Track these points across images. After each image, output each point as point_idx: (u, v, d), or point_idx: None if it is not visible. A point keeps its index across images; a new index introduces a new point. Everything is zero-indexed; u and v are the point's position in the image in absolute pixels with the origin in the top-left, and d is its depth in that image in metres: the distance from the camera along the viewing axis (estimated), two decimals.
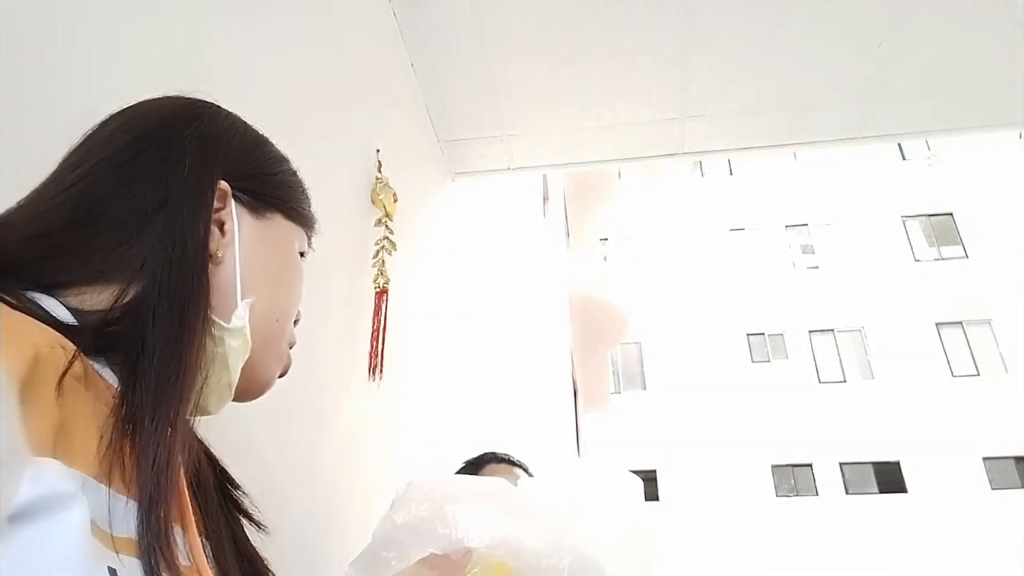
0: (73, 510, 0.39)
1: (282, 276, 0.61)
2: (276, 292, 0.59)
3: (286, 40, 1.40)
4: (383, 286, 1.75)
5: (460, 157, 2.86)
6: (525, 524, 0.83)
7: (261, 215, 0.59)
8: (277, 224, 0.61)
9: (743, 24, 2.31)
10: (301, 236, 0.66)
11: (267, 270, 0.58)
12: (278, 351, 0.61)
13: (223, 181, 0.55)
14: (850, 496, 14.05)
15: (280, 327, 0.60)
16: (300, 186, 0.68)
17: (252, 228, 0.58)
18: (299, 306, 0.64)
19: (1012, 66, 2.40)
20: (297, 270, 0.64)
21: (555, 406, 7.63)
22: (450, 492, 0.87)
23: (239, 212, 0.57)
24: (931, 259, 15.84)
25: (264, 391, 0.62)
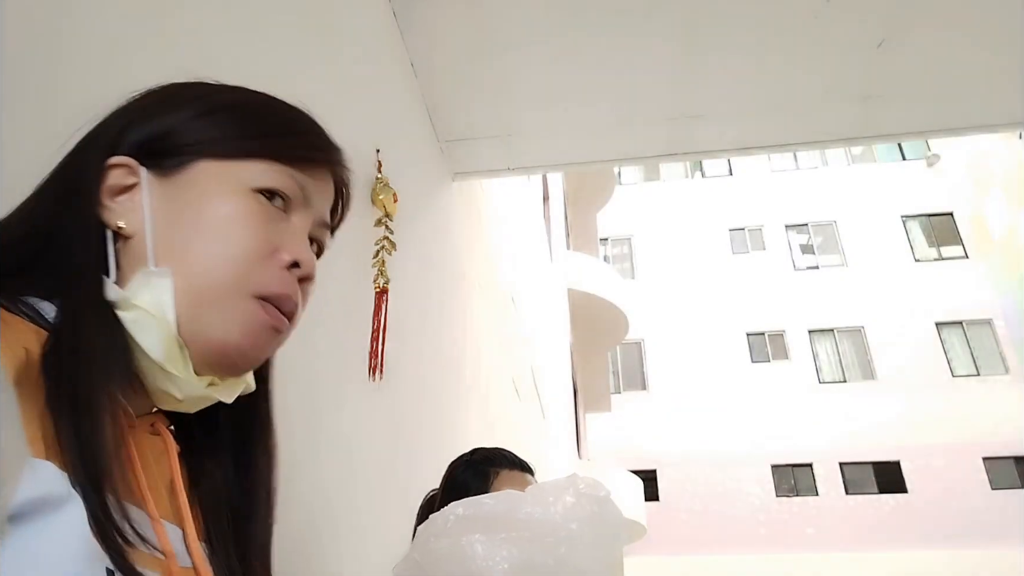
0: (69, 511, 0.39)
1: (207, 228, 0.52)
2: (199, 246, 0.52)
3: (286, 40, 1.40)
4: (383, 286, 1.75)
5: (460, 157, 2.86)
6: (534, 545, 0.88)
7: (174, 172, 0.53)
8: (199, 173, 0.54)
9: (743, 25, 2.31)
10: (249, 171, 0.55)
11: (186, 229, 0.52)
12: (233, 309, 0.52)
13: (118, 156, 0.53)
14: (850, 496, 14.05)
15: (219, 279, 0.51)
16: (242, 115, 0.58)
17: (161, 190, 0.53)
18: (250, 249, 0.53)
19: (1012, 66, 2.40)
20: (234, 208, 0.53)
21: (555, 406, 7.63)
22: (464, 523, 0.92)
23: (150, 179, 0.53)
24: (931, 259, 15.84)
25: (233, 360, 0.53)
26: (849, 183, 16.85)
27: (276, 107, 0.62)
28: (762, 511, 14.13)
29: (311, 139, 0.62)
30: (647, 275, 16.85)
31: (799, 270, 16.36)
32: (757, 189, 17.26)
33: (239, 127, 0.57)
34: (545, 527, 0.91)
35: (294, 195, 0.57)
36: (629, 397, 15.65)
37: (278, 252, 0.54)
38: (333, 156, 0.63)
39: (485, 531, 0.91)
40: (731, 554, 13.40)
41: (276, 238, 0.55)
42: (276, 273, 0.54)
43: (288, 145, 0.58)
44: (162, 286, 0.50)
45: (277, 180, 0.56)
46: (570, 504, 0.94)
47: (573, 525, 0.91)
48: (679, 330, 16.08)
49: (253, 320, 0.53)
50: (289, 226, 0.56)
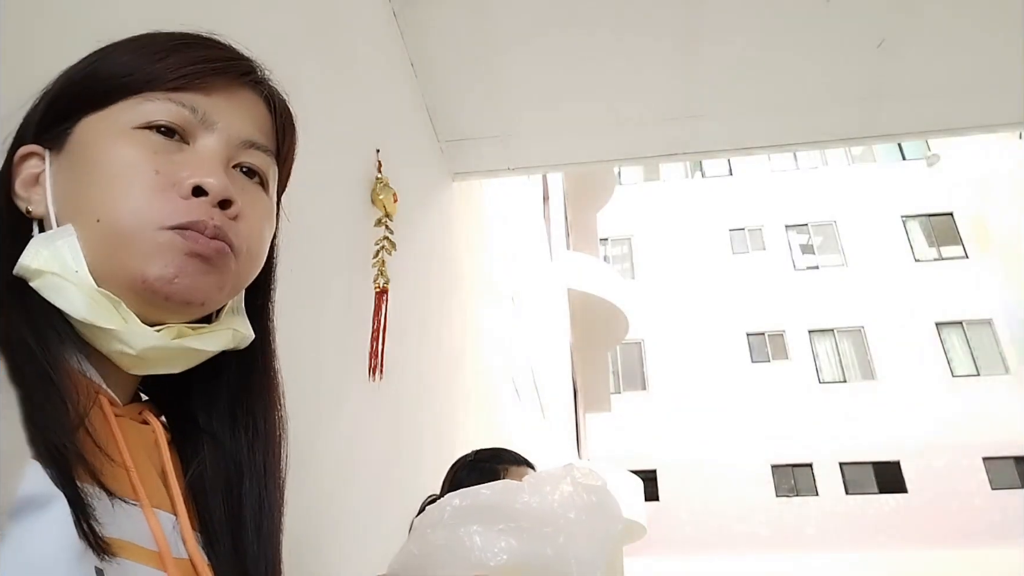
0: (55, 510, 0.38)
1: (96, 176, 0.50)
2: (94, 197, 0.49)
3: (286, 40, 1.40)
4: (383, 286, 1.75)
5: (460, 157, 2.86)
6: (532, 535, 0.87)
7: (63, 140, 0.52)
8: (84, 130, 0.52)
9: (743, 25, 2.31)
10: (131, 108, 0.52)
11: (79, 186, 0.51)
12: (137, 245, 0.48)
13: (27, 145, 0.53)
14: (850, 496, 14.06)
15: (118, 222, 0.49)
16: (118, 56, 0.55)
17: (58, 163, 0.52)
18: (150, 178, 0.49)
19: (1012, 66, 2.40)
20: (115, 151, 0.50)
21: (555, 406, 7.63)
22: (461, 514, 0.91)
23: (51, 157, 0.52)
24: (931, 259, 15.84)
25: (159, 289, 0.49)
26: (849, 183, 16.85)
27: (158, 38, 0.57)
28: (762, 511, 14.13)
29: (195, 56, 0.55)
30: (647, 275, 16.85)
31: (799, 270, 16.36)
32: (757, 189, 17.26)
33: (112, 70, 0.53)
34: (543, 517, 0.90)
35: (184, 121, 0.52)
36: (629, 397, 15.65)
37: (180, 182, 0.50)
38: (233, 66, 0.58)
39: (482, 521, 0.90)
40: (731, 554, 13.40)
41: (172, 169, 0.50)
42: (178, 203, 0.50)
43: (164, 68, 0.53)
44: (62, 244, 0.48)
45: (156, 111, 0.52)
46: (568, 493, 0.94)
47: (571, 514, 0.91)
48: (679, 330, 16.08)
49: (168, 248, 0.49)
50: (190, 155, 0.52)
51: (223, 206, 0.51)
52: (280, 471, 0.61)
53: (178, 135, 0.52)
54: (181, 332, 0.52)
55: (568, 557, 0.87)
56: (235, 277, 0.53)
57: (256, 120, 0.58)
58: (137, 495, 0.46)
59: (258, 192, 0.57)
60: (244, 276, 0.55)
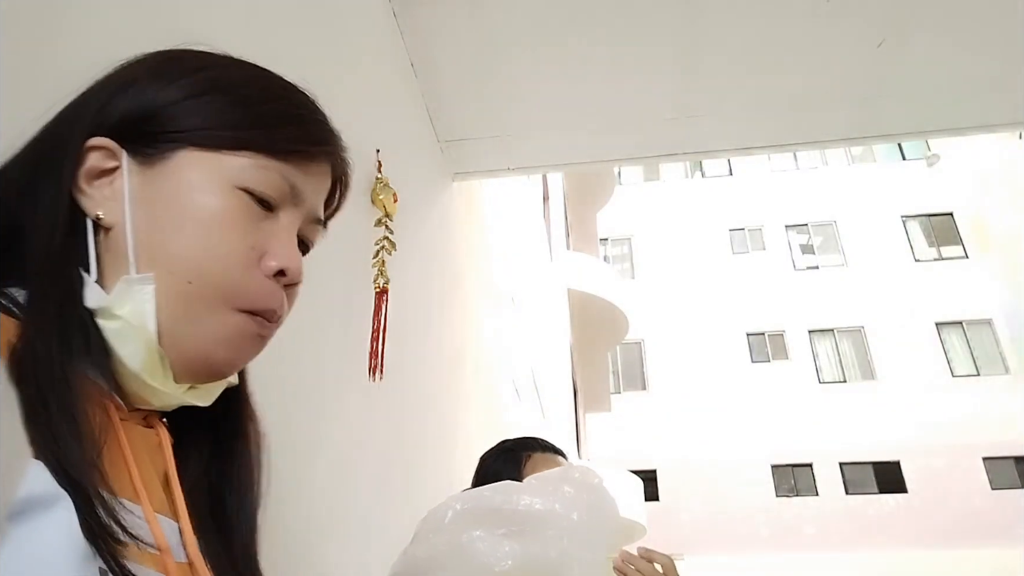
0: (59, 511, 0.38)
1: (188, 224, 0.48)
2: (181, 247, 0.47)
3: (286, 40, 1.40)
4: (383, 286, 1.75)
5: (460, 157, 2.86)
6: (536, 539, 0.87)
7: (156, 159, 0.49)
8: (185, 164, 0.49)
9: (743, 24, 2.31)
10: (236, 165, 0.50)
11: (165, 223, 0.48)
12: (213, 321, 0.48)
13: (99, 138, 0.49)
14: (850, 496, 14.05)
15: (202, 290, 0.47)
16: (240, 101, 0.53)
17: (141, 178, 0.49)
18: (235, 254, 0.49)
19: (1012, 66, 2.40)
20: (218, 208, 0.48)
21: (555, 406, 7.63)
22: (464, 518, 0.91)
23: (131, 165, 0.49)
24: (931, 259, 15.84)
25: (216, 370, 0.50)
26: (849, 183, 16.85)
27: (274, 91, 0.57)
28: (762, 511, 14.13)
29: (308, 131, 0.56)
30: (647, 275, 16.85)
31: (799, 270, 16.37)
32: (757, 189, 17.26)
33: (230, 114, 0.52)
34: (546, 519, 0.91)
35: (281, 194, 0.52)
36: (629, 397, 15.65)
37: (264, 258, 0.50)
38: (332, 148, 0.57)
39: (485, 526, 0.90)
40: (731, 554, 13.40)
41: (261, 241, 0.50)
42: (262, 284, 0.50)
43: (281, 138, 0.53)
44: (144, 294, 0.47)
45: (264, 180, 0.51)
46: (569, 495, 0.94)
47: (574, 515, 0.91)
48: (679, 330, 16.08)
49: (238, 333, 0.49)
50: (276, 226, 0.51)
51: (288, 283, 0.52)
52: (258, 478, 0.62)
53: (271, 205, 0.52)
54: (193, 386, 0.52)
55: (571, 559, 0.88)
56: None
57: (324, 194, 0.58)
58: (139, 498, 0.46)
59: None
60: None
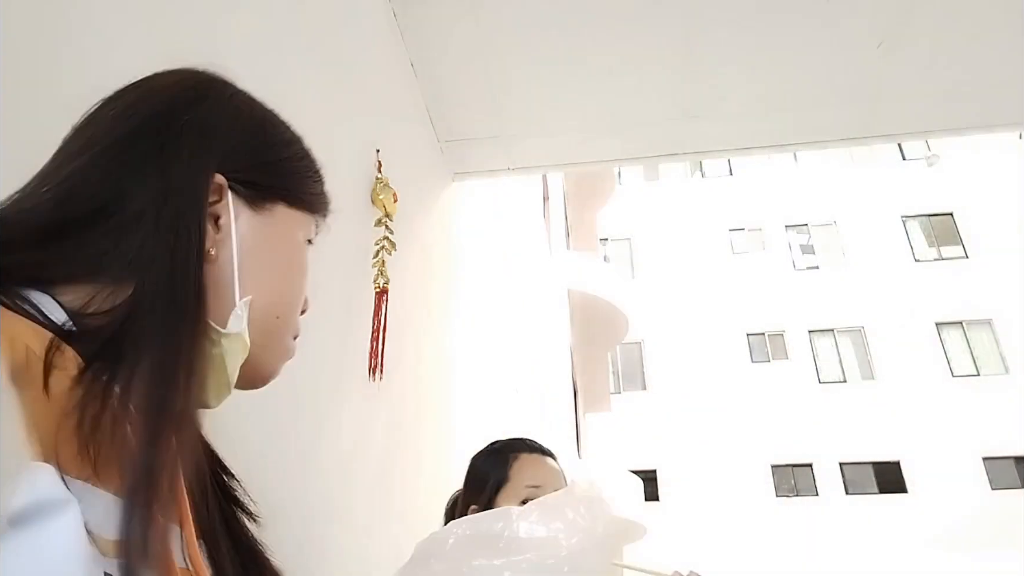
0: (66, 516, 0.38)
1: (283, 270, 0.58)
2: (277, 287, 0.57)
3: (286, 40, 1.40)
4: (383, 286, 1.75)
5: (460, 157, 2.86)
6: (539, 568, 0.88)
7: (261, 207, 0.57)
8: (279, 215, 0.58)
9: (743, 24, 2.31)
10: (307, 224, 0.62)
11: (266, 265, 0.56)
12: (282, 346, 0.59)
13: (219, 175, 0.53)
14: (850, 496, 14.05)
15: (283, 323, 0.58)
16: (309, 170, 0.64)
17: (250, 223, 0.55)
18: (303, 296, 0.62)
19: (1012, 66, 2.40)
20: (300, 261, 0.61)
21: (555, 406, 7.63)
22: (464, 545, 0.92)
23: (236, 206, 0.54)
24: (931, 259, 15.84)
25: (266, 383, 0.61)
26: (849, 183, 16.85)
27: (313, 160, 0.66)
28: (762, 511, 14.13)
29: (324, 189, 0.67)
30: (647, 275, 16.85)
31: (799, 270, 16.36)
32: (757, 189, 17.26)
33: (310, 182, 0.63)
34: (547, 546, 0.90)
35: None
36: (629, 397, 15.65)
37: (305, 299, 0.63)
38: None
39: (486, 554, 0.89)
40: (731, 554, 13.39)
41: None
42: (299, 318, 0.62)
43: (322, 200, 0.65)
44: (246, 317, 0.54)
45: (311, 234, 0.63)
46: (570, 518, 0.93)
47: (574, 540, 0.90)
48: (679, 330, 16.08)
49: (288, 353, 0.61)
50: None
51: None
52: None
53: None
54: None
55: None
56: None
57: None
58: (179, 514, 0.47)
59: None
60: None
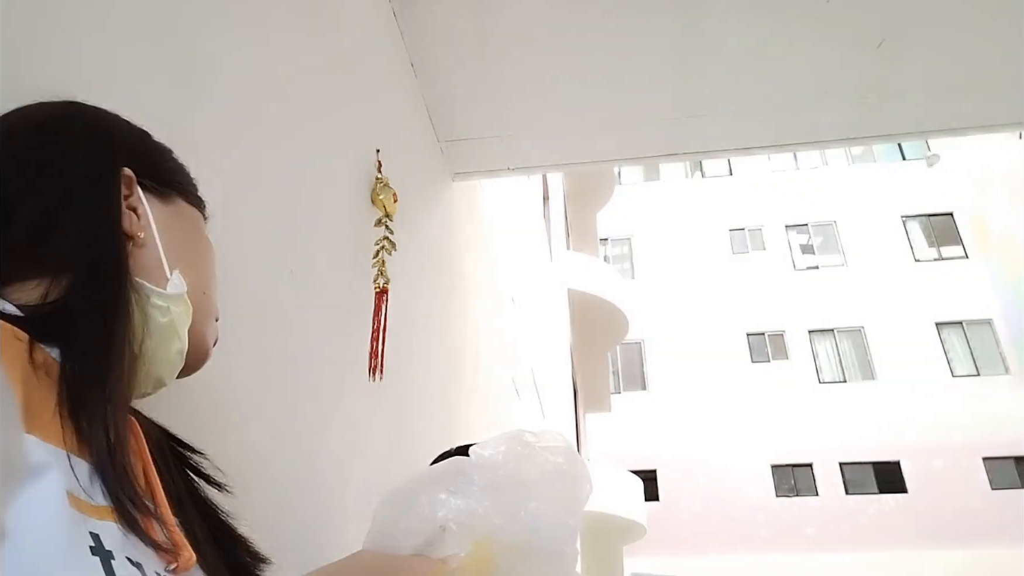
0: (49, 479, 0.40)
1: (199, 252, 0.65)
2: (197, 266, 0.64)
3: (286, 40, 1.40)
4: (383, 286, 1.75)
5: (460, 157, 2.86)
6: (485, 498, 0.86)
7: (166, 199, 0.63)
8: (182, 207, 0.65)
9: (743, 24, 2.31)
10: (201, 219, 0.69)
11: (186, 247, 0.63)
12: (210, 324, 0.66)
13: (126, 168, 0.58)
14: (850, 496, 14.05)
15: (208, 300, 0.65)
16: (187, 172, 0.71)
17: (162, 210, 0.62)
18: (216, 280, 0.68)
19: (1012, 66, 2.40)
20: (208, 248, 0.68)
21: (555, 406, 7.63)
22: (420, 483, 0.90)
23: (148, 197, 0.60)
24: (931, 259, 15.84)
25: (205, 360, 0.67)
26: (849, 183, 16.85)
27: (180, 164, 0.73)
28: (762, 511, 14.13)
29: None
30: (647, 275, 16.85)
31: (799, 270, 16.37)
32: (757, 189, 17.26)
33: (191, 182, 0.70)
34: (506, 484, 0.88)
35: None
36: (629, 397, 15.65)
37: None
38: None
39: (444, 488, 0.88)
40: (731, 554, 13.40)
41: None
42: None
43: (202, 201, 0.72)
44: (185, 284, 0.60)
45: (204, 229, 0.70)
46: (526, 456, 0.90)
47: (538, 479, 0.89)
48: (679, 330, 16.08)
49: (214, 335, 0.68)
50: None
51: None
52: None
53: None
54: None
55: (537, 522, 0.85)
56: None
57: None
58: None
59: None
60: None
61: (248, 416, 1.09)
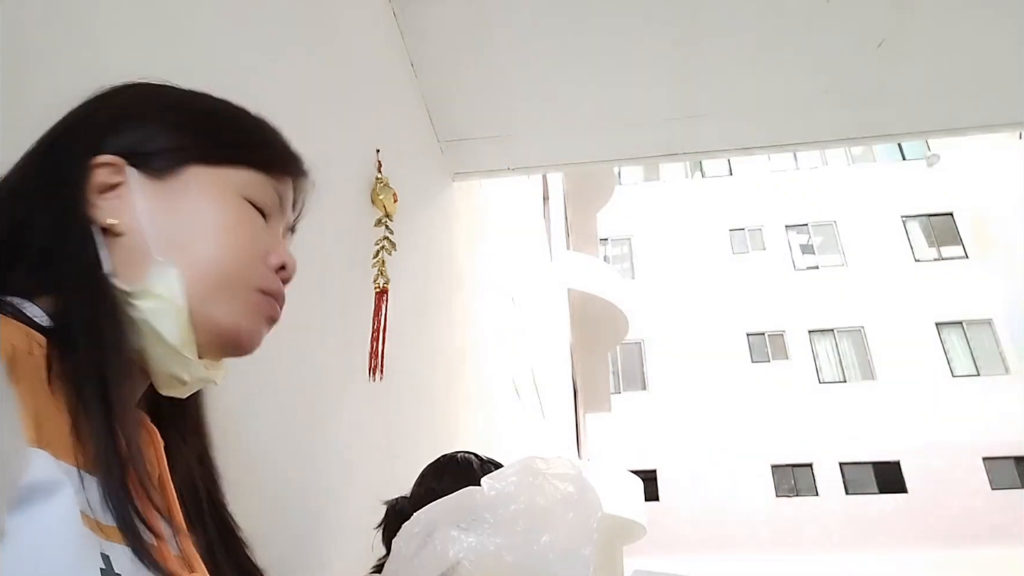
0: (61, 498, 0.39)
1: (212, 226, 0.56)
2: (204, 243, 0.56)
3: (286, 40, 1.40)
4: (383, 286, 1.75)
5: (460, 157, 2.86)
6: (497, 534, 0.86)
7: (167, 174, 0.56)
8: (193, 177, 0.57)
9: (743, 24, 2.31)
10: (240, 178, 0.59)
11: (186, 225, 0.55)
12: (239, 300, 0.57)
13: (105, 155, 0.54)
14: (850, 496, 14.05)
15: (226, 275, 0.56)
16: (233, 126, 0.63)
17: (154, 191, 0.55)
18: (256, 249, 0.59)
19: (1012, 66, 2.40)
20: (233, 214, 0.58)
21: (555, 406, 7.63)
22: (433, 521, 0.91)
23: (139, 178, 0.55)
24: (931, 259, 15.84)
25: (242, 341, 0.58)
26: (849, 183, 16.85)
27: (249, 117, 0.66)
28: (762, 511, 14.13)
29: (284, 151, 0.67)
30: (647, 275, 16.86)
31: (799, 270, 16.37)
32: (757, 189, 17.26)
33: (227, 135, 0.62)
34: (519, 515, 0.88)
35: (272, 205, 0.62)
36: (629, 397, 15.65)
37: (268, 256, 0.60)
38: (301, 167, 0.68)
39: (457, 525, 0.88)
40: (731, 554, 13.40)
41: (264, 243, 0.60)
42: (269, 274, 0.60)
43: (268, 156, 0.63)
44: (172, 275, 0.53)
45: (262, 192, 0.61)
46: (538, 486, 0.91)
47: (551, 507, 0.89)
48: (679, 330, 16.08)
49: (257, 308, 0.59)
50: (271, 234, 0.62)
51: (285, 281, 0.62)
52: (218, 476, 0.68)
53: (264, 214, 0.61)
54: (208, 365, 0.58)
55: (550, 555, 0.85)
56: None
57: (295, 204, 0.69)
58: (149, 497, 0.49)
59: None
60: None
61: (248, 416, 1.09)
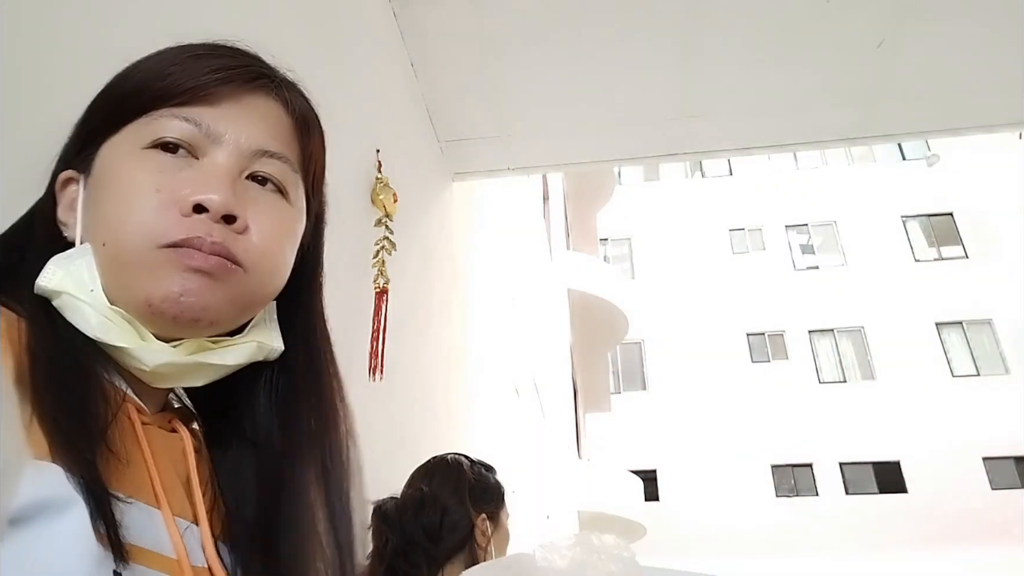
0: (73, 514, 0.38)
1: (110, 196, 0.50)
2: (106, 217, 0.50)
3: (286, 40, 1.40)
4: (383, 286, 1.75)
5: (460, 157, 2.86)
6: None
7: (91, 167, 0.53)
8: (105, 153, 0.52)
9: (743, 24, 2.31)
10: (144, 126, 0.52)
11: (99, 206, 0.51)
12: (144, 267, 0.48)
13: (67, 171, 0.54)
14: (850, 496, 14.05)
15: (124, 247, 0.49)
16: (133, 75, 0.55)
17: (88, 187, 0.52)
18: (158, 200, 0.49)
19: (1012, 66, 2.40)
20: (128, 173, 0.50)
21: (555, 406, 7.63)
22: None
23: (83, 183, 0.53)
24: (931, 259, 15.84)
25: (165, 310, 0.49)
26: (849, 183, 16.85)
27: (164, 53, 0.56)
28: (762, 511, 14.12)
29: (200, 65, 0.54)
30: (647, 275, 16.85)
31: (799, 270, 16.36)
32: (757, 189, 17.26)
33: (122, 91, 0.54)
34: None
35: (190, 136, 0.52)
36: (629, 397, 15.65)
37: (180, 201, 0.49)
38: (238, 73, 0.55)
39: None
40: (731, 554, 13.39)
41: (175, 186, 0.50)
42: (177, 221, 0.49)
43: (168, 85, 0.52)
44: (80, 263, 0.49)
45: (161, 128, 0.51)
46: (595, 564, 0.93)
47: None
48: (679, 330, 16.08)
49: (165, 266, 0.48)
50: (196, 171, 0.51)
51: (228, 221, 0.50)
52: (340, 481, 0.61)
53: (186, 151, 0.52)
54: (201, 347, 0.52)
55: None
56: (248, 291, 0.52)
57: (270, 126, 0.56)
58: (159, 502, 0.46)
59: (275, 201, 0.55)
60: (260, 289, 0.54)
61: None
